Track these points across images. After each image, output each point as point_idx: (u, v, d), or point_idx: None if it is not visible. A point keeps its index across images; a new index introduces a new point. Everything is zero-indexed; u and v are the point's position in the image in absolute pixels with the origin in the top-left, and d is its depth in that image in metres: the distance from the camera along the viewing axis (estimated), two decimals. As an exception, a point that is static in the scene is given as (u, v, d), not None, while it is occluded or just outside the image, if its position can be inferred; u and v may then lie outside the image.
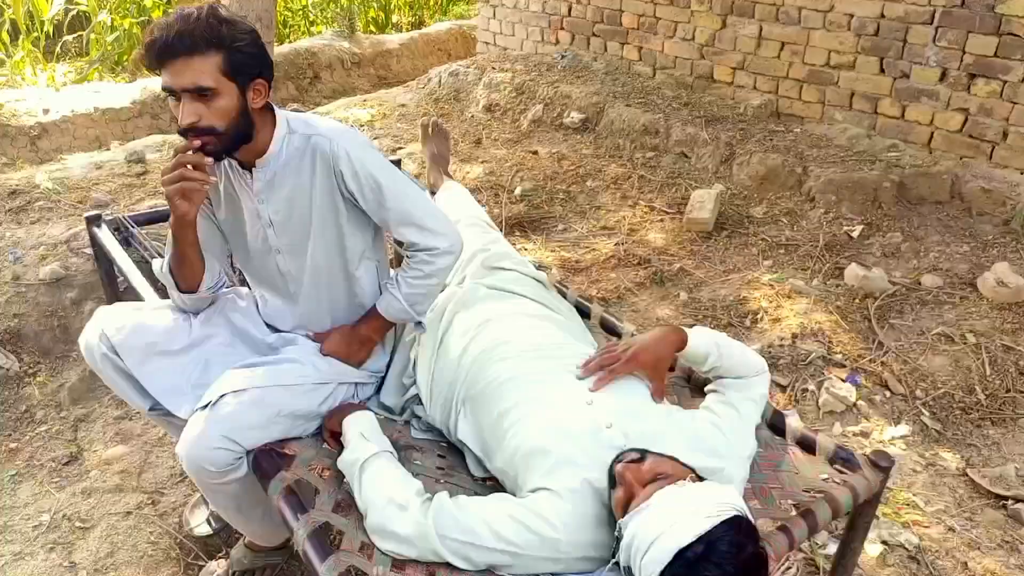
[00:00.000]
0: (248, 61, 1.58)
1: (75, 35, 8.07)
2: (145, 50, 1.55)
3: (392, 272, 1.92)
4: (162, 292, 2.18)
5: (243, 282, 2.36)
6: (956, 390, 2.79)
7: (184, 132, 1.58)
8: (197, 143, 1.57)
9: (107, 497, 2.45)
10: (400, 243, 1.88)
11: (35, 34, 7.45)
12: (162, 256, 1.86)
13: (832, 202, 3.95)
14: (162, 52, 1.53)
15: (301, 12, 9.45)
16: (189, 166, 1.57)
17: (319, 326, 1.93)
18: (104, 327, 1.78)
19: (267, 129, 1.70)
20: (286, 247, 1.82)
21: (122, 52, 7.79)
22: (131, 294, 2.30)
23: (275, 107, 1.74)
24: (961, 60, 3.95)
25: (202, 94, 1.55)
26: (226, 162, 1.76)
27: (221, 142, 1.61)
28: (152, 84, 6.56)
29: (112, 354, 1.77)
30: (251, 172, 1.74)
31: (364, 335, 1.91)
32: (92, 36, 7.77)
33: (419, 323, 1.91)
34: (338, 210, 1.78)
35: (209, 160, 1.59)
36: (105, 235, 2.58)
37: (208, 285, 1.83)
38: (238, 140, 1.65)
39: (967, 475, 2.49)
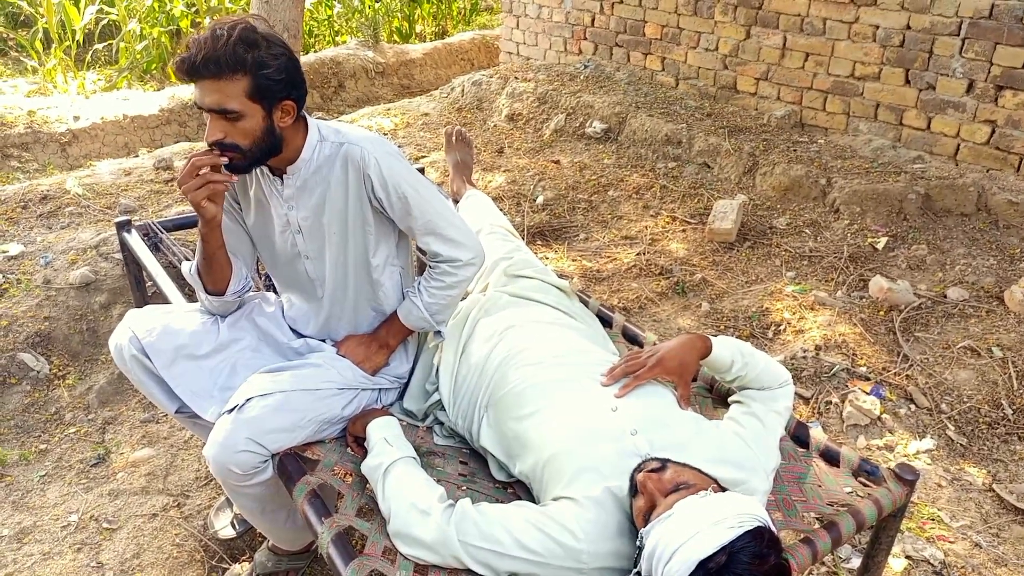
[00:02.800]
0: (274, 86, 1.60)
1: (105, 44, 8.22)
2: (176, 66, 1.58)
3: (415, 279, 1.94)
4: (190, 296, 2.22)
5: (268, 287, 2.39)
6: (982, 404, 2.76)
7: (210, 146, 1.62)
8: (224, 160, 1.61)
9: (133, 499, 2.48)
10: (423, 251, 1.91)
11: (67, 43, 7.59)
12: (191, 260, 1.89)
13: (856, 213, 3.93)
14: (190, 72, 1.56)
15: (327, 22, 9.57)
16: (207, 168, 1.60)
17: (343, 330, 1.95)
18: (134, 329, 1.81)
19: (299, 137, 1.73)
20: (314, 252, 1.84)
21: (151, 60, 7.92)
22: (159, 298, 2.33)
23: (306, 115, 1.76)
24: (988, 72, 3.92)
25: (227, 115, 1.58)
26: (257, 168, 1.79)
27: (246, 158, 1.65)
28: (180, 92, 6.67)
29: (141, 355, 1.80)
30: (282, 179, 1.77)
31: (383, 340, 1.93)
32: (122, 45, 7.91)
33: (438, 332, 1.94)
34: (365, 217, 1.80)
35: (224, 160, 1.62)
36: (135, 240, 2.62)
37: (234, 289, 1.85)
38: (264, 156, 1.68)
39: (993, 490, 2.46)
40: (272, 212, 1.83)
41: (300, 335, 1.98)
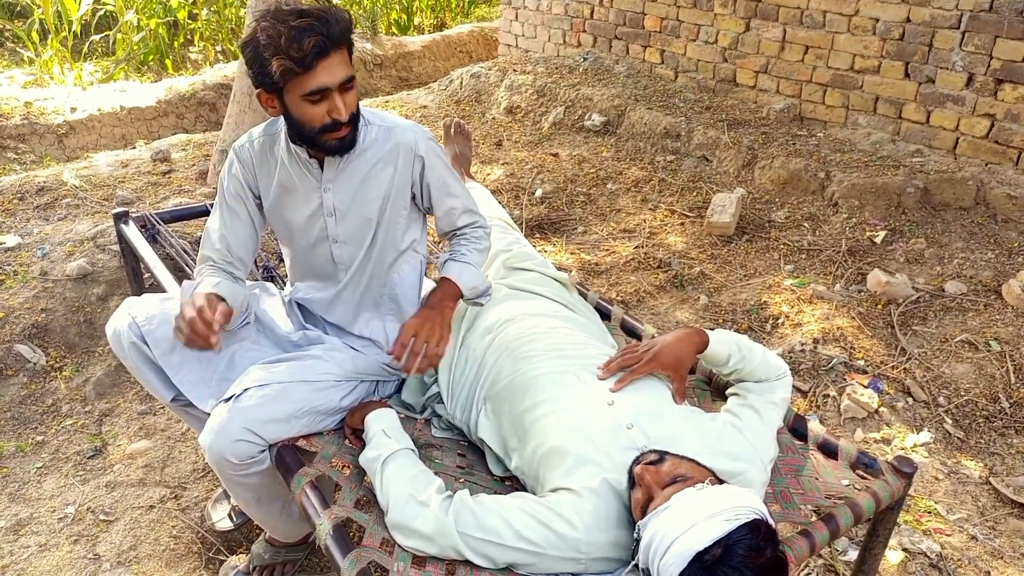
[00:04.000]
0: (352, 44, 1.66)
1: (102, 35, 8.18)
2: (304, 55, 1.52)
3: (444, 252, 1.99)
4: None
5: (267, 278, 2.39)
6: (979, 398, 2.76)
7: (337, 125, 1.62)
8: (217, 326, 1.61)
9: (130, 491, 2.48)
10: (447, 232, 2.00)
11: (63, 34, 7.56)
12: (187, 253, 1.88)
13: (855, 207, 3.92)
14: (321, 51, 1.54)
15: (324, 13, 9.51)
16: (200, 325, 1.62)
17: (350, 315, 1.93)
18: (134, 315, 1.80)
19: None
20: (345, 236, 1.83)
21: (148, 52, 7.89)
22: (156, 290, 2.33)
23: None
24: (988, 65, 3.91)
25: (349, 83, 1.62)
26: (284, 152, 1.78)
27: (356, 127, 1.70)
28: (177, 84, 6.64)
29: (140, 343, 1.78)
30: (320, 161, 1.76)
31: (441, 305, 1.83)
32: (119, 36, 7.87)
33: (487, 292, 1.95)
34: (404, 201, 1.84)
35: (215, 340, 1.62)
36: (132, 232, 2.61)
37: (235, 326, 1.85)
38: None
39: (990, 484, 2.47)
40: (300, 196, 1.81)
41: (300, 327, 1.97)
